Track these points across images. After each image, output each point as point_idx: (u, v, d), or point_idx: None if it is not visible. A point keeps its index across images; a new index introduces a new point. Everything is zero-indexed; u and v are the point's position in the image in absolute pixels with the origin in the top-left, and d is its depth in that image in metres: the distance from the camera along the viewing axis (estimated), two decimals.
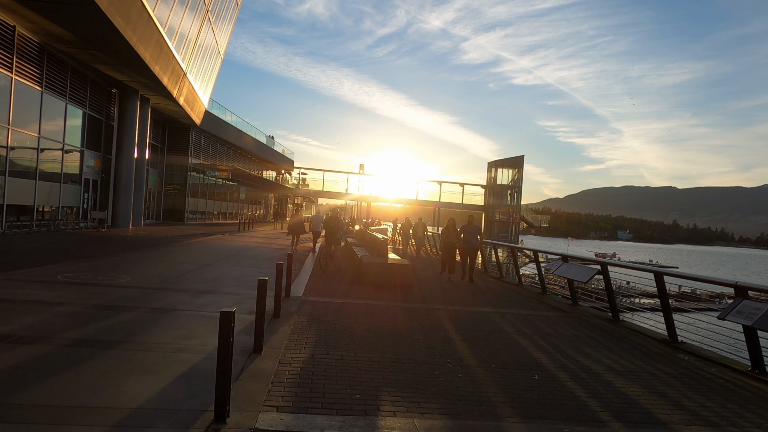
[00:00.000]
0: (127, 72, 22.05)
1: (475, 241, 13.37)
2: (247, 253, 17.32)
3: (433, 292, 11.00)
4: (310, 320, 7.12)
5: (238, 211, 48.67)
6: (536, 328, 7.91)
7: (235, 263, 14.05)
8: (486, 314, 8.74)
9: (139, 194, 27.06)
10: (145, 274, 10.56)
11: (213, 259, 14.54)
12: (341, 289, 10.49)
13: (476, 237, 13.38)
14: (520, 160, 64.05)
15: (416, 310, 8.63)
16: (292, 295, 9.02)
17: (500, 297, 11.11)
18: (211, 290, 9.14)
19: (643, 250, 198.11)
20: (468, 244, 13.29)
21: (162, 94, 25.91)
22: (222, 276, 11.20)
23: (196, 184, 37.89)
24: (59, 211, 20.74)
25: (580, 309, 10.06)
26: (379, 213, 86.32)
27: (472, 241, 13.35)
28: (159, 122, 33.41)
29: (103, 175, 24.94)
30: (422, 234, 23.72)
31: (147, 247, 16.53)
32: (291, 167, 67.54)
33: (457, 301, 9.97)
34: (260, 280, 5.33)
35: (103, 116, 24.58)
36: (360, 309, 8.28)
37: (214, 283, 10.10)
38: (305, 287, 10.28)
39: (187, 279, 10.39)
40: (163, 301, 7.78)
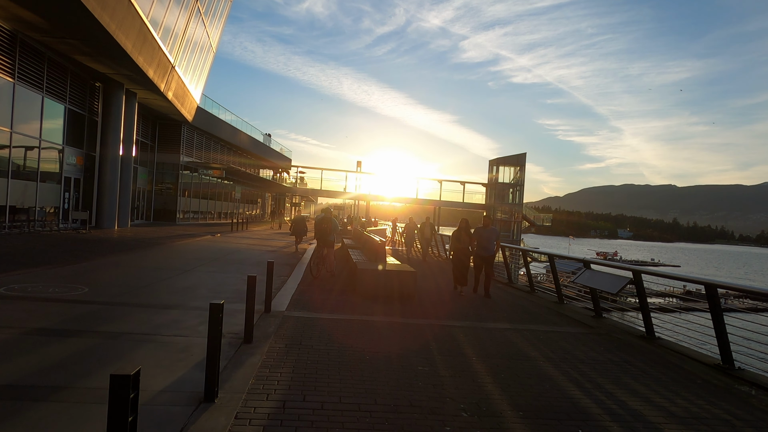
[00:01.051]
0: (108, 63, 20.74)
1: (491, 246, 11.06)
2: (234, 257, 16.01)
3: (438, 304, 9.69)
4: (289, 345, 5.82)
5: (233, 210, 47.34)
6: (563, 350, 6.61)
7: (217, 268, 12.75)
8: (501, 332, 7.43)
9: (125, 193, 25.74)
10: (108, 284, 9.26)
11: (194, 264, 13.23)
12: (332, 300, 9.19)
13: (493, 242, 11.10)
14: (522, 158, 62.67)
15: (419, 328, 7.33)
16: (273, 310, 7.71)
17: (514, 308, 9.81)
18: (178, 304, 7.84)
19: (644, 249, 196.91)
20: (484, 251, 11.01)
21: (149, 88, 24.59)
22: (197, 285, 9.89)
23: (188, 183, 36.57)
24: (36, 212, 19.42)
25: (606, 323, 8.76)
26: (378, 212, 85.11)
27: (489, 247, 11.03)
28: (149, 118, 32.09)
29: (87, 174, 23.62)
30: (430, 236, 21.07)
31: (124, 250, 15.23)
32: (289, 166, 66.18)
33: (465, 315, 8.66)
34: (213, 304, 4.03)
35: (86, 111, 23.25)
36: (352, 328, 6.98)
37: (184, 294, 8.80)
38: (291, 298, 8.98)
39: (155, 289, 9.09)
40: (114, 322, 6.47)
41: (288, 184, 65.98)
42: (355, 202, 67.77)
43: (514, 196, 63.23)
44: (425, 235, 20.74)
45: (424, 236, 20.74)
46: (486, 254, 11.07)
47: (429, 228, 20.87)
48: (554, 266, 10.93)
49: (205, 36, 29.32)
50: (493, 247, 11.15)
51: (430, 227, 20.94)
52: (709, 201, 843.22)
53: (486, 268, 11.00)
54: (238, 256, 16.39)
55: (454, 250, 11.47)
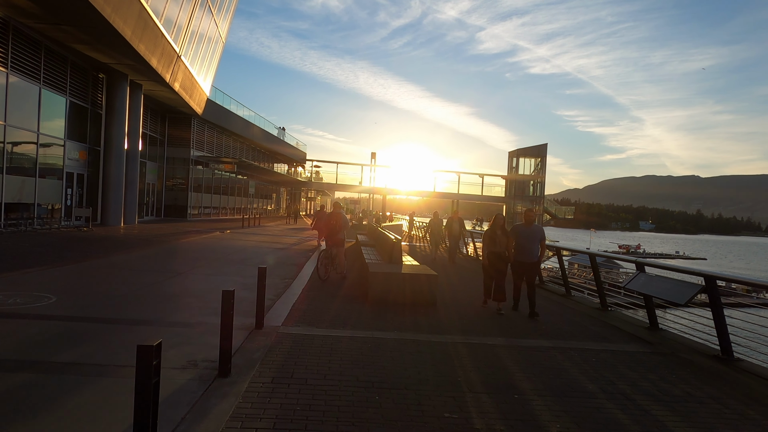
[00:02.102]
0: (109, 52, 19.70)
1: (535, 250, 8.50)
2: (239, 256, 14.85)
3: (463, 314, 8.32)
4: (277, 380, 4.53)
5: (247, 206, 46.42)
6: (627, 380, 5.21)
7: (216, 270, 11.56)
8: (543, 353, 6.05)
9: (132, 189, 24.81)
10: (83, 292, 8.10)
11: (192, 265, 12.07)
12: (339, 309, 7.89)
13: (537, 244, 8.53)
14: (543, 149, 60.70)
15: (441, 348, 5.99)
16: (266, 325, 6.45)
17: (552, 317, 8.39)
18: (155, 319, 6.61)
19: (667, 241, 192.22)
20: (526, 256, 8.48)
21: (154, 79, 23.55)
22: (186, 292, 8.68)
23: (199, 178, 35.65)
24: (35, 209, 18.52)
25: (666, 337, 7.31)
26: (394, 206, 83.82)
27: (532, 251, 8.48)
28: (157, 112, 31.18)
29: (91, 169, 22.73)
30: (459, 233, 17.67)
31: (122, 249, 14.16)
32: (303, 160, 65.13)
33: (497, 329, 7.28)
34: (141, 347, 2.75)
35: (89, 104, 22.31)
36: (359, 350, 5.67)
37: (166, 305, 7.58)
38: (291, 307, 7.71)
39: (133, 298, 7.89)
40: (71, 349, 5.25)
41: (303, 178, 64.99)
42: (371, 196, 66.47)
43: (535, 188, 61.33)
44: (453, 232, 17.30)
45: (452, 233, 17.33)
46: (528, 260, 8.53)
47: (458, 224, 17.41)
48: (596, 266, 9.47)
49: (213, 25, 28.18)
50: (537, 251, 8.54)
51: (459, 223, 17.49)
52: (734, 192, 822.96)
53: (528, 278, 8.57)
54: (242, 255, 15.22)
55: (488, 254, 8.79)
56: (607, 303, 9.32)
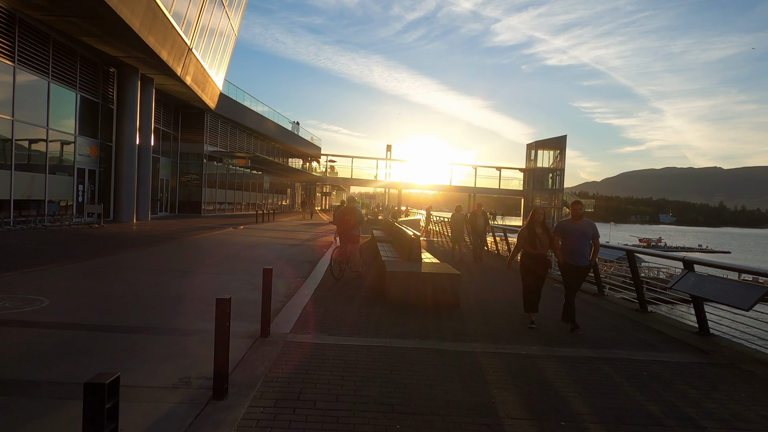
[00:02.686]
0: (118, 45, 19.24)
1: (587, 250, 7.00)
2: (252, 252, 14.30)
3: (491, 318, 7.60)
4: (280, 402, 3.88)
5: (261, 201, 46.09)
6: (690, 401, 4.46)
7: (226, 268, 11.00)
8: (589, 366, 5.31)
9: (144, 185, 24.46)
10: (81, 294, 7.56)
11: (200, 263, 11.53)
12: (354, 312, 7.23)
13: (589, 243, 7.02)
14: (563, 141, 59.24)
15: (470, 360, 5.29)
16: (273, 332, 5.81)
17: (587, 320, 7.61)
18: (152, 326, 6.02)
19: (689, 234, 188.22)
20: (577, 258, 6.97)
21: (165, 73, 23.09)
22: (191, 293, 8.10)
23: (213, 173, 35.31)
24: (45, 206, 18.21)
25: (720, 344, 6.51)
26: (410, 200, 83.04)
27: (583, 252, 6.97)
28: (170, 107, 30.85)
29: (103, 165, 22.40)
30: (484, 228, 16.04)
31: (131, 247, 13.70)
32: (318, 154, 64.66)
33: (531, 336, 6.55)
34: (89, 386, 2.10)
35: (100, 98, 21.95)
36: (376, 362, 4.99)
37: (169, 308, 7.00)
38: (302, 311, 7.07)
39: (134, 300, 7.33)
40: (49, 364, 4.67)
41: (318, 173, 64.54)
42: (387, 191, 65.79)
43: (554, 181, 59.96)
44: (478, 228, 15.62)
45: (476, 230, 15.67)
46: (580, 263, 6.98)
47: (483, 218, 15.75)
48: (634, 263, 8.65)
49: (224, 18, 27.65)
50: (589, 252, 7.01)
51: (483, 217, 15.83)
52: (758, 183, 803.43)
53: (577, 285, 7.16)
54: (254, 252, 14.67)
55: (526, 257, 7.10)
56: (647, 303, 8.51)
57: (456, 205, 17.20)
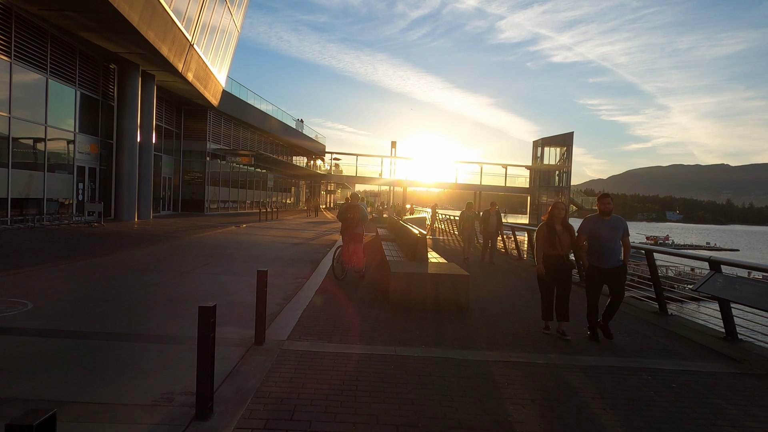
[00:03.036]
0: (117, 40, 18.88)
1: (617, 248, 6.10)
2: (252, 252, 13.90)
3: (502, 322, 7.15)
4: (271, 422, 3.45)
5: (266, 199, 45.77)
6: (730, 418, 4.00)
7: (225, 269, 10.60)
8: (613, 377, 4.85)
9: (146, 183, 24.13)
10: (69, 297, 7.17)
11: (199, 263, 11.14)
12: (355, 316, 6.80)
13: (619, 241, 6.12)
14: (569, 138, 58.58)
15: (482, 371, 4.85)
16: (269, 339, 5.38)
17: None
18: (141, 332, 5.61)
19: (696, 232, 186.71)
20: (606, 259, 6.07)
21: (166, 69, 22.74)
22: (187, 295, 7.70)
23: (216, 171, 34.99)
24: (44, 204, 17.89)
25: (751, 351, 6.03)
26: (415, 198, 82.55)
27: (614, 250, 6.07)
28: (172, 104, 30.52)
29: (103, 163, 22.08)
30: (497, 229, 14.70)
31: (129, 246, 13.34)
32: (323, 152, 64.27)
33: (547, 341, 6.09)
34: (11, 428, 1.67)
35: (100, 95, 21.62)
36: (378, 373, 4.56)
37: (161, 312, 6.59)
38: (301, 315, 6.65)
39: (126, 304, 6.94)
40: (18, 379, 4.28)
41: (322, 171, 64.17)
42: (391, 188, 65.32)
43: (561, 178, 59.32)
44: (490, 228, 14.48)
45: (489, 229, 14.52)
46: (610, 266, 6.05)
47: (496, 218, 14.56)
48: (653, 263, 8.16)
49: (226, 14, 27.27)
50: (620, 251, 6.10)
51: (496, 216, 14.59)
52: (766, 180, 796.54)
53: (613, 290, 6.13)
54: (256, 251, 14.27)
55: (545, 259, 6.27)
56: (667, 305, 8.03)
57: (467, 203, 16.11)
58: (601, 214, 6.26)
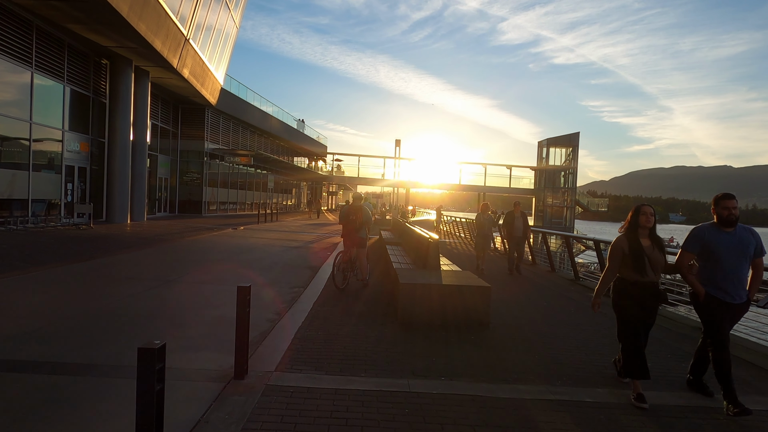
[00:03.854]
0: (107, 33, 17.92)
1: (743, 273, 4.30)
2: (248, 257, 12.91)
3: (532, 342, 6.13)
4: None
5: (266, 201, 44.81)
6: None
7: (215, 276, 9.60)
8: (686, 420, 3.83)
9: (139, 183, 23.16)
10: (25, 312, 6.17)
11: (187, 270, 10.15)
12: (357, 337, 5.79)
13: (747, 265, 4.29)
14: (575, 138, 57.54)
15: (514, 411, 3.84)
16: (253, 370, 4.37)
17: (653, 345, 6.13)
18: (97, 361, 4.59)
19: None
20: (729, 291, 4.22)
21: (161, 65, 21.80)
22: (165, 310, 6.70)
23: (215, 172, 34.02)
24: (29, 205, 16.93)
25: None
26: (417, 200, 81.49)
27: (742, 280, 4.29)
28: (169, 102, 29.58)
29: (95, 162, 21.13)
30: (524, 234, 12.56)
31: (113, 250, 12.35)
32: (324, 153, 63.32)
33: (594, 369, 5.08)
34: None
35: (91, 92, 20.67)
36: (388, 420, 3.55)
37: (129, 333, 5.58)
38: (294, 335, 5.65)
39: (91, 322, 5.94)
40: None
41: (324, 172, 63.20)
42: (395, 190, 64.33)
43: (566, 179, 58.23)
44: (515, 232, 12.32)
45: (513, 235, 12.36)
46: (737, 299, 4.25)
47: (522, 220, 12.41)
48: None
49: (224, 9, 26.34)
50: (746, 276, 4.30)
51: (523, 219, 12.43)
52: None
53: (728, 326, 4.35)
54: (251, 255, 13.28)
55: (630, 287, 4.32)
56: None
57: (482, 203, 13.52)
58: (721, 223, 4.31)
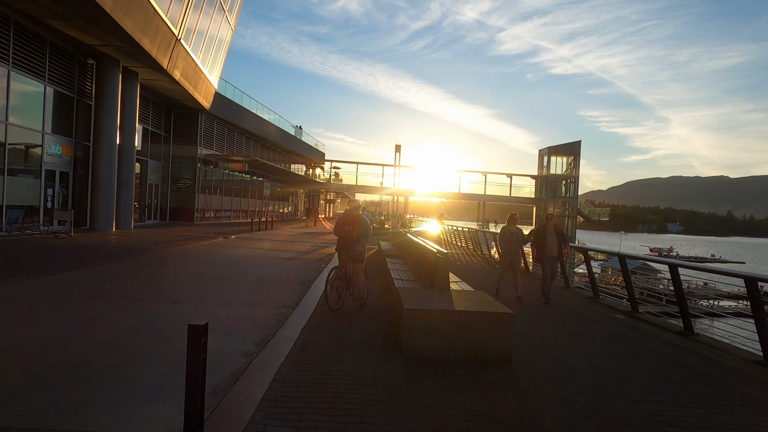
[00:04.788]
0: (91, 30, 16.93)
1: None
2: (233, 270, 11.80)
3: (568, 385, 5.04)
4: None
5: (262, 208, 43.70)
6: None
7: (192, 294, 8.49)
8: None
9: (126, 190, 22.06)
10: None
11: (162, 286, 9.04)
12: (353, 377, 4.69)
13: None
14: (577, 147, 56.63)
15: None
16: (215, 431, 3.28)
17: (687, 375, 5.06)
18: (5, 425, 3.52)
19: (700, 244, 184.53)
20: None
21: (150, 66, 20.79)
22: (122, 341, 5.58)
23: (208, 178, 32.94)
24: (3, 212, 15.81)
25: None
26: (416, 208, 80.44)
27: None
28: (161, 106, 28.57)
29: (79, 167, 20.04)
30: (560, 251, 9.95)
31: (85, 263, 11.22)
32: (322, 161, 62.28)
33: (650, 420, 4.00)
34: None
35: (75, 93, 19.63)
36: None
37: (65, 371, 4.47)
38: (275, 375, 4.55)
39: (24, 356, 4.83)
40: None
41: (322, 179, 62.15)
42: (394, 198, 63.27)
43: (568, 188, 57.28)
44: (548, 252, 9.76)
45: (547, 249, 9.77)
46: None
47: (555, 237, 9.83)
48: (678, 279, 6.11)
49: (218, 10, 25.40)
50: None
51: (556, 236, 9.84)
52: (766, 192, 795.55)
53: None
54: (238, 268, 12.16)
55: None
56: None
57: (509, 214, 10.38)
58: None
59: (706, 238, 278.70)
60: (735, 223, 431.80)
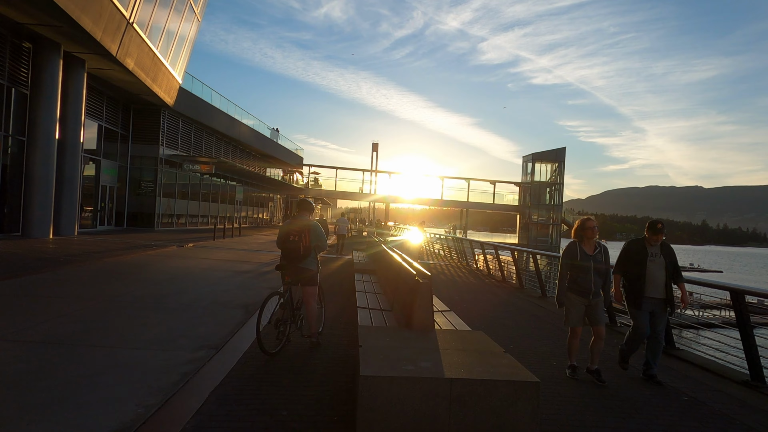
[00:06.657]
0: (20, 5, 14.55)
1: None
2: (167, 288, 9.52)
3: None
4: None
5: (234, 214, 41.12)
6: None
7: (82, 329, 6.24)
8: None
9: (69, 191, 19.51)
10: None
11: (63, 310, 6.76)
12: None
13: None
14: (561, 153, 55.39)
15: None
16: None
17: None
18: None
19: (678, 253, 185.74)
20: None
21: (98, 52, 18.41)
22: None
23: (171, 181, 30.37)
24: None
25: None
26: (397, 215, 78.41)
27: None
28: (118, 101, 26.01)
29: (14, 165, 17.51)
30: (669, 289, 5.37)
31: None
32: (300, 165, 59.86)
33: None
34: None
35: (6, 80, 17.13)
36: None
37: None
38: None
39: None
40: None
41: (299, 184, 59.70)
42: (371, 205, 61.16)
43: (552, 196, 55.90)
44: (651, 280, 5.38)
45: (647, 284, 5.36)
46: None
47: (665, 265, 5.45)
48: None
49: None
50: None
51: (667, 257, 5.49)
52: (738, 202, 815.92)
53: None
54: (169, 288, 9.86)
55: None
56: None
57: (582, 219, 5.67)
58: None
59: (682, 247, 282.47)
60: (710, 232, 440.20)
